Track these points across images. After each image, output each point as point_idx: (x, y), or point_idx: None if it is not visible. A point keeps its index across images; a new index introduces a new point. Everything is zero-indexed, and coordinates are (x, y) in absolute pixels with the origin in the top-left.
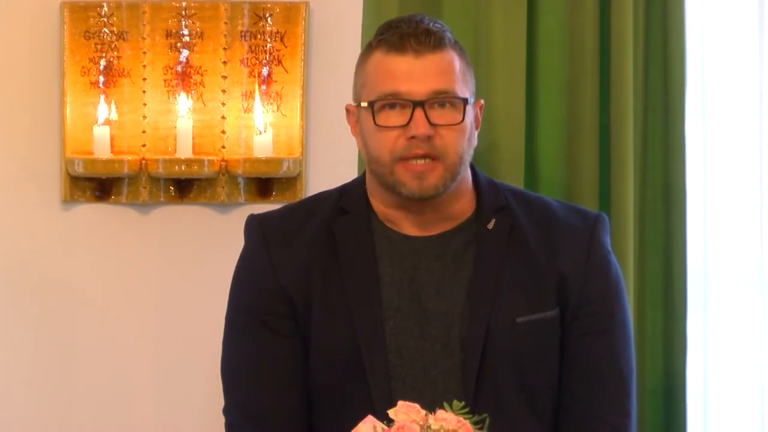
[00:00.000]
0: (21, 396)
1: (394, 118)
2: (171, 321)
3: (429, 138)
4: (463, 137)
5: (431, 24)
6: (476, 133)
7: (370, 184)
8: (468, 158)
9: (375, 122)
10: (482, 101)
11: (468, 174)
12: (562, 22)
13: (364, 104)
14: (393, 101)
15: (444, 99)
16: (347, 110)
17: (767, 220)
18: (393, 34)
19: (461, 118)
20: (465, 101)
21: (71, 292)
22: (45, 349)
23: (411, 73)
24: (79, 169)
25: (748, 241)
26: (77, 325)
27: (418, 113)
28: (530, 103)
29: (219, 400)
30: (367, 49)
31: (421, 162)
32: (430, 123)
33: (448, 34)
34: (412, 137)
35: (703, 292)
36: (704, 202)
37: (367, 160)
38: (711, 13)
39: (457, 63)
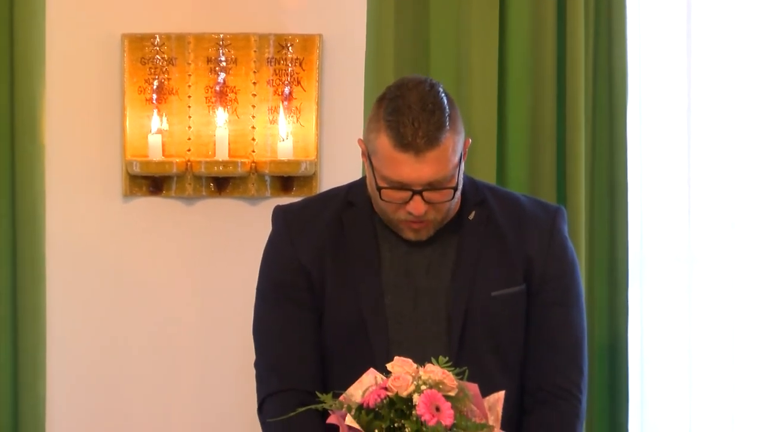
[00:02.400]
0: (86, 363)
1: (396, 195)
2: (211, 292)
3: (424, 213)
4: (452, 202)
5: (431, 120)
6: (463, 165)
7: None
8: (455, 205)
9: (381, 196)
10: (470, 140)
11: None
12: (527, 52)
13: (372, 167)
14: (396, 186)
15: (437, 186)
16: (359, 144)
17: (693, 209)
18: (399, 130)
19: (452, 196)
20: (455, 187)
21: (130, 269)
22: (108, 318)
23: (411, 169)
24: (137, 170)
25: (678, 227)
26: (134, 298)
27: (416, 198)
28: (501, 116)
29: (252, 360)
30: (379, 116)
31: (416, 223)
32: (425, 202)
33: (445, 121)
34: (410, 213)
35: (640, 269)
36: (641, 195)
37: (372, 201)
38: (647, 43)
39: (450, 145)
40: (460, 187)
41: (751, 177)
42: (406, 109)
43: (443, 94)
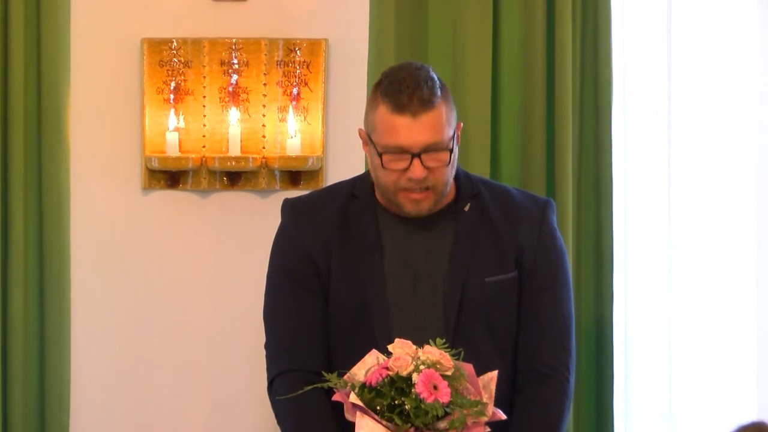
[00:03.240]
0: (109, 346)
1: (397, 163)
2: (224, 278)
3: (423, 178)
4: (449, 169)
5: (425, 86)
6: (457, 148)
7: (377, 187)
8: (451, 179)
9: (382, 164)
10: (461, 123)
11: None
12: (518, 56)
13: (373, 142)
14: (396, 153)
15: (434, 149)
16: (360, 133)
17: (673, 203)
18: (396, 97)
19: (448, 160)
20: (450, 149)
21: (149, 257)
22: (128, 303)
23: (409, 131)
24: (155, 165)
25: (658, 218)
26: (153, 284)
27: (415, 161)
28: (494, 115)
29: (262, 341)
30: (376, 97)
31: (417, 192)
32: (424, 167)
33: (437, 90)
34: (411, 179)
35: (624, 257)
36: (625, 189)
37: (374, 181)
38: (630, 48)
39: (443, 113)
40: (455, 158)
41: (725, 174)
42: (401, 80)
43: (434, 74)
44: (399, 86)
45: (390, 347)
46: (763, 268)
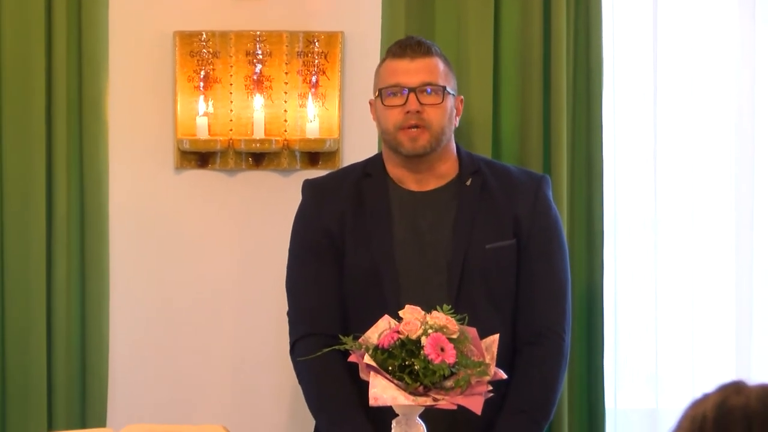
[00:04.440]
0: (144, 310)
1: (395, 100)
2: (249, 250)
3: (419, 113)
4: (444, 114)
5: (425, 43)
6: (457, 119)
7: (385, 154)
8: (448, 131)
9: (383, 103)
10: (462, 97)
11: (453, 147)
12: (517, 47)
13: (377, 92)
14: (395, 89)
15: (429, 87)
16: (370, 103)
17: (659, 178)
18: (397, 47)
19: (441, 100)
20: (444, 88)
21: (180, 231)
22: (162, 273)
23: (407, 70)
24: (187, 146)
25: (645, 193)
26: (184, 255)
27: (411, 96)
28: (495, 100)
29: (285, 309)
30: (382, 59)
31: (414, 129)
32: (419, 102)
33: (435, 48)
34: (408, 112)
35: (614, 231)
36: (615, 168)
37: (380, 132)
38: (620, 40)
39: (440, 65)
40: (452, 111)
41: (706, 154)
42: (403, 39)
43: (436, 45)
44: (401, 41)
45: (401, 313)
46: (740, 239)
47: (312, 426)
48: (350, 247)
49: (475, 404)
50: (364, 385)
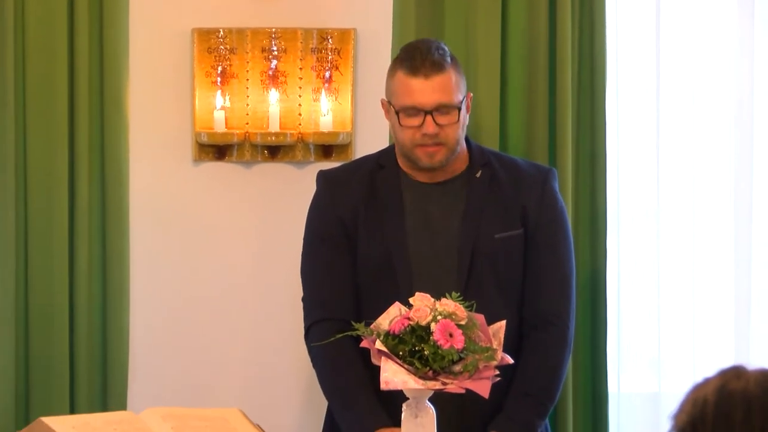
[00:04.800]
0: (163, 294)
1: (412, 120)
2: (265, 239)
3: (436, 134)
4: (458, 128)
5: (436, 52)
6: (467, 116)
7: (398, 151)
8: (462, 139)
9: (400, 123)
10: (471, 94)
11: (463, 142)
12: (524, 41)
13: (392, 106)
14: (411, 111)
15: (444, 107)
16: (382, 103)
17: (661, 170)
18: (411, 61)
19: (456, 119)
20: (459, 108)
21: (199, 221)
22: (180, 261)
23: (422, 90)
24: (204, 139)
25: (647, 184)
26: (202, 243)
27: (428, 119)
28: (502, 94)
29: (300, 294)
30: (395, 65)
31: (431, 146)
32: (436, 124)
33: (447, 57)
34: (425, 134)
35: (617, 220)
36: (618, 159)
37: (395, 140)
38: (623, 35)
39: (453, 77)
40: (465, 121)
41: (705, 146)
42: (414, 49)
43: (444, 45)
44: (413, 53)
45: (411, 300)
46: (739, 229)
47: (325, 408)
48: (363, 238)
49: (483, 388)
50: (376, 370)
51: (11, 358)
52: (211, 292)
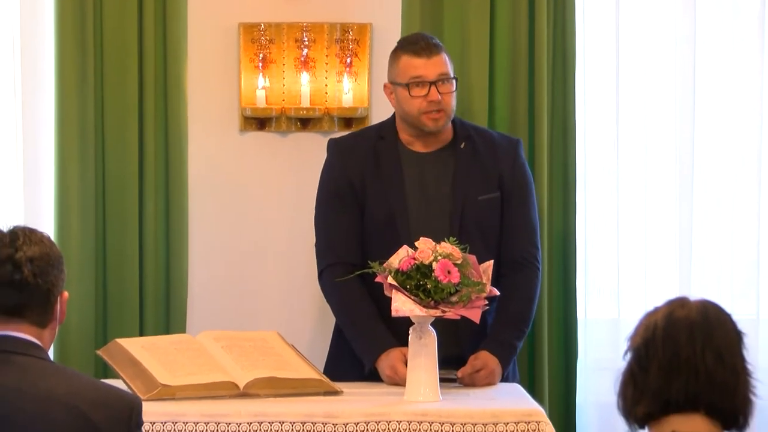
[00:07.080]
0: (216, 245)
1: (420, 90)
2: (297, 196)
3: (439, 101)
4: (454, 98)
5: (431, 40)
6: (455, 96)
7: (398, 124)
8: (455, 108)
9: (410, 93)
10: (456, 78)
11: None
12: (508, 34)
13: (400, 83)
14: (418, 81)
15: (445, 78)
16: (385, 86)
17: (621, 136)
18: (414, 46)
19: (454, 88)
20: (456, 79)
21: (244, 182)
22: (228, 218)
23: (426, 67)
24: (249, 113)
25: (610, 150)
26: (246, 201)
27: (433, 88)
28: (491, 79)
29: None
30: (398, 52)
31: (434, 113)
32: (439, 93)
33: (439, 43)
34: (431, 101)
35: (584, 180)
36: (585, 130)
37: (400, 113)
38: (590, 31)
39: (446, 57)
40: (456, 95)
41: (661, 117)
42: (413, 37)
43: (436, 39)
44: (413, 40)
45: (416, 243)
46: (683, 187)
47: (332, 330)
48: (370, 197)
49: (475, 315)
50: (380, 304)
51: (92, 291)
52: (253, 238)
